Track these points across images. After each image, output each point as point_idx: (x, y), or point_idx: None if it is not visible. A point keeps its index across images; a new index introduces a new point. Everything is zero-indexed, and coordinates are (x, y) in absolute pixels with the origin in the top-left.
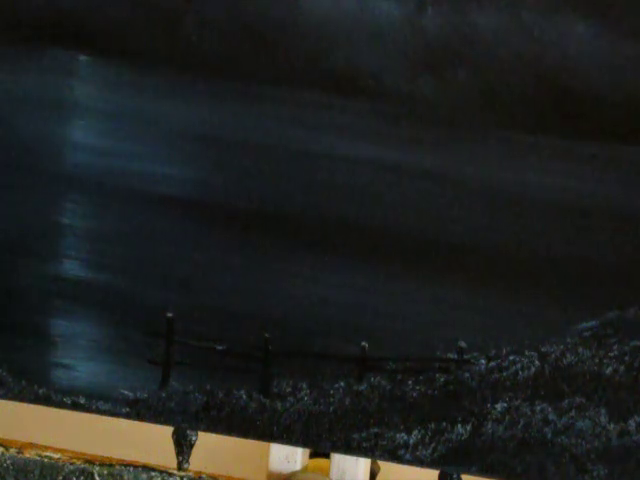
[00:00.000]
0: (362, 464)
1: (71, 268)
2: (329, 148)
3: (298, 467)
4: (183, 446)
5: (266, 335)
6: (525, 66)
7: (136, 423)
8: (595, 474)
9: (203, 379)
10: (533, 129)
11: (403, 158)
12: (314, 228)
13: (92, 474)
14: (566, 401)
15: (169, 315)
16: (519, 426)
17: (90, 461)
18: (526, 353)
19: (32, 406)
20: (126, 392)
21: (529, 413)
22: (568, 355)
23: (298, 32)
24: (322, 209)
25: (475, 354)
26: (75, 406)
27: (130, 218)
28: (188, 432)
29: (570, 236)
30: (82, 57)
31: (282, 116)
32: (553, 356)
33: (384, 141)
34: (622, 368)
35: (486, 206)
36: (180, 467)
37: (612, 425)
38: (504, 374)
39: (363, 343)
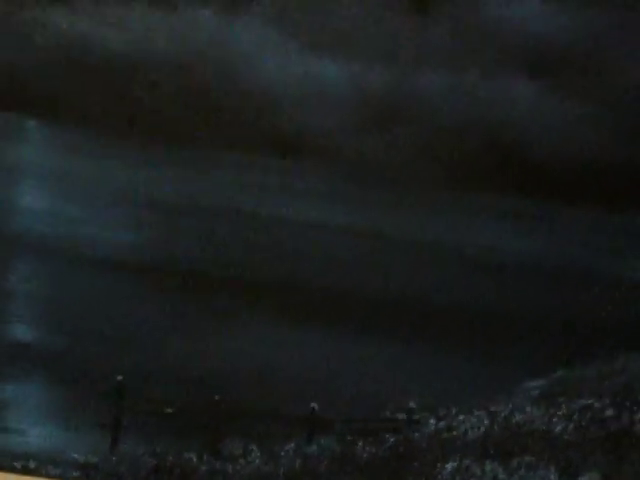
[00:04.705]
0: None
1: (19, 332)
2: (279, 210)
3: None
4: None
5: (216, 397)
6: (470, 126)
7: None
8: None
9: (153, 442)
10: (479, 188)
11: (354, 219)
12: (265, 290)
13: None
14: (516, 460)
15: (119, 378)
16: None
17: None
18: (475, 412)
19: None
20: (76, 456)
21: (479, 473)
22: (517, 414)
23: (245, 98)
24: (273, 271)
25: (425, 414)
26: (26, 471)
27: (79, 282)
28: None
29: (518, 297)
30: (31, 122)
31: (230, 180)
32: (502, 415)
33: (334, 202)
34: (571, 426)
35: (435, 266)
36: None
37: None
38: (454, 433)
39: (313, 404)
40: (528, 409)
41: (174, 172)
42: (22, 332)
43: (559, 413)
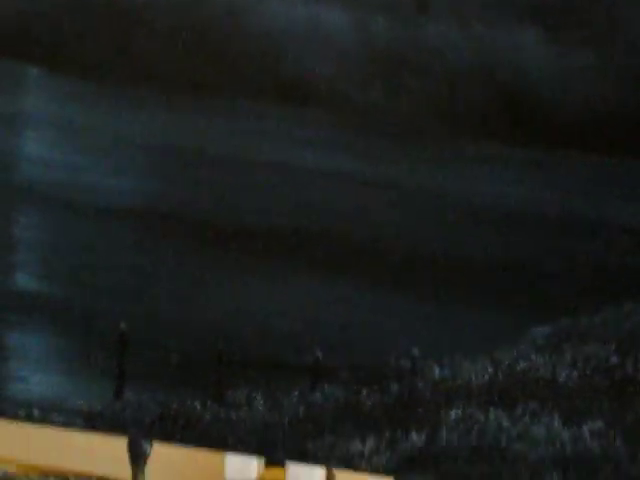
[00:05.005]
0: (317, 473)
1: (23, 281)
2: (282, 158)
3: (253, 477)
4: (138, 457)
5: (220, 345)
6: (475, 75)
7: (92, 435)
8: None
9: (157, 390)
10: (484, 137)
11: (356, 167)
12: (269, 239)
13: None
14: (520, 407)
15: (122, 327)
16: (473, 433)
17: (45, 473)
18: (479, 360)
19: None
20: (80, 404)
21: (483, 420)
22: (521, 362)
23: (249, 43)
24: (277, 219)
25: (429, 362)
26: (29, 418)
27: (82, 230)
28: (143, 443)
29: (523, 244)
30: (33, 70)
31: (234, 126)
32: (506, 363)
33: (337, 150)
34: (575, 374)
35: (438, 214)
36: (135, 478)
37: (566, 431)
38: (458, 381)
39: (317, 353)
40: (533, 357)
41: (177, 119)
42: (25, 280)
43: (564, 361)
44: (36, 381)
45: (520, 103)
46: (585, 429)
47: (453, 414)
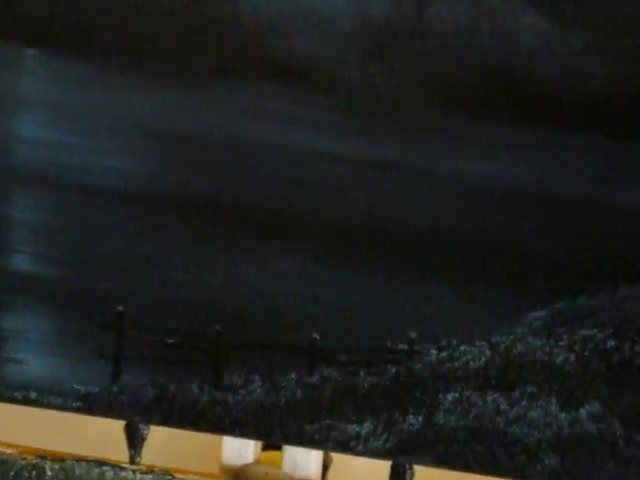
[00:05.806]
0: (314, 456)
1: (20, 262)
2: (278, 139)
3: (250, 460)
4: (135, 440)
5: (217, 328)
6: (472, 56)
7: (88, 417)
8: (547, 463)
9: (155, 372)
10: (482, 119)
11: (353, 149)
12: (265, 219)
13: (44, 469)
14: (517, 391)
15: (119, 309)
16: (471, 416)
17: (42, 456)
18: (477, 343)
19: None
20: (77, 386)
21: (480, 403)
22: (518, 345)
23: (246, 23)
24: (272, 200)
25: (426, 345)
26: (26, 401)
27: (79, 211)
28: (140, 426)
29: (519, 226)
30: (28, 51)
31: (230, 108)
32: (503, 346)
33: (333, 132)
34: (572, 357)
35: (435, 196)
36: (132, 461)
37: (563, 414)
38: (455, 364)
39: (314, 335)
40: (530, 340)
41: (172, 101)
42: (22, 262)
43: (561, 344)
44: (33, 363)
45: (518, 83)
46: (582, 412)
47: (450, 397)
